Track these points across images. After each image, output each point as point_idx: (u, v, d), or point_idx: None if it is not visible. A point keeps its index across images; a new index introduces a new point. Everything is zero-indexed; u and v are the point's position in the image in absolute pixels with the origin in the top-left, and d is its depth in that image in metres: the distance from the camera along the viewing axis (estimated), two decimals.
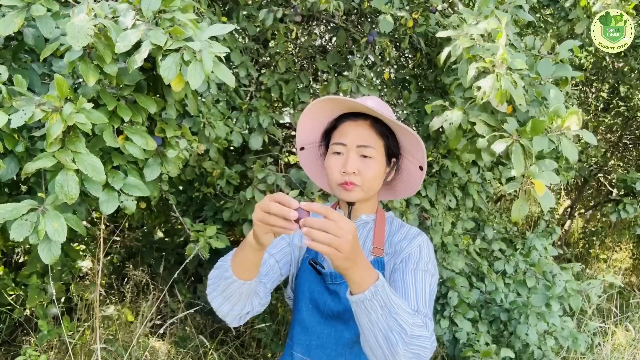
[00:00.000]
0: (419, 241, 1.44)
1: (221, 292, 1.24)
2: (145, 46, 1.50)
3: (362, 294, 1.08)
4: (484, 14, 1.90)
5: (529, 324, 2.73)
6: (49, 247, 1.59)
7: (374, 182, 1.43)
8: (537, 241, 3.40)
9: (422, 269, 1.36)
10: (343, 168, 1.38)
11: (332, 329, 1.47)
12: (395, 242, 1.47)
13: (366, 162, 1.40)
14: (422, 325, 1.15)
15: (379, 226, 1.50)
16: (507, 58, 1.72)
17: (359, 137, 1.39)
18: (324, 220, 0.99)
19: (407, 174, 1.55)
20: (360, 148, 1.39)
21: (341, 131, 1.43)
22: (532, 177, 1.64)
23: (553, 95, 1.83)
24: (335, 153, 1.42)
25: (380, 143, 1.43)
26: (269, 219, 1.02)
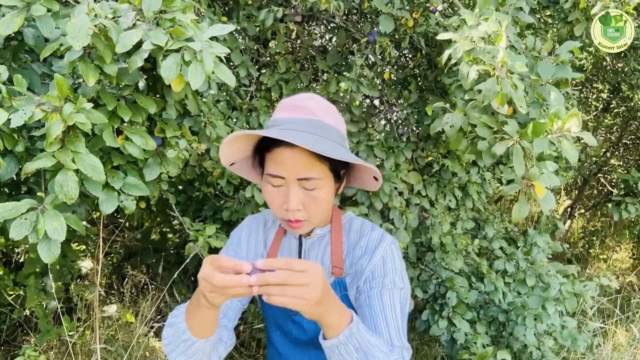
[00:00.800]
0: (381, 252, 1.27)
1: (182, 352, 1.11)
2: (146, 46, 1.50)
3: (336, 339, 0.98)
4: (484, 15, 1.90)
5: (526, 326, 2.73)
6: (49, 246, 1.59)
7: (324, 210, 1.23)
8: (538, 237, 3.40)
9: (389, 287, 1.23)
10: (285, 205, 1.17)
11: (306, 355, 1.38)
12: (356, 260, 1.31)
13: (311, 195, 1.17)
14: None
15: (336, 240, 1.34)
16: (508, 61, 1.72)
17: (299, 168, 1.14)
18: (282, 274, 0.85)
19: (358, 183, 1.36)
20: (301, 181, 1.15)
21: (276, 159, 1.16)
22: (533, 179, 1.64)
23: (554, 97, 1.83)
24: (272, 186, 1.19)
25: (324, 167, 1.17)
26: (221, 290, 0.88)
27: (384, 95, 3.15)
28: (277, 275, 0.85)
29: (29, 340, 3.12)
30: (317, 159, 1.15)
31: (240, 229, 1.47)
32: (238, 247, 1.43)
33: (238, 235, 1.45)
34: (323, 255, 1.33)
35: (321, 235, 1.35)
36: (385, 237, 1.31)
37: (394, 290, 1.23)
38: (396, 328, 1.18)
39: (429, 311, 3.01)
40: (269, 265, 0.86)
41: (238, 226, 1.49)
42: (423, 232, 3.09)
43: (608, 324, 3.94)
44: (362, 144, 2.87)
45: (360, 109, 2.91)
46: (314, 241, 1.36)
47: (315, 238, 1.35)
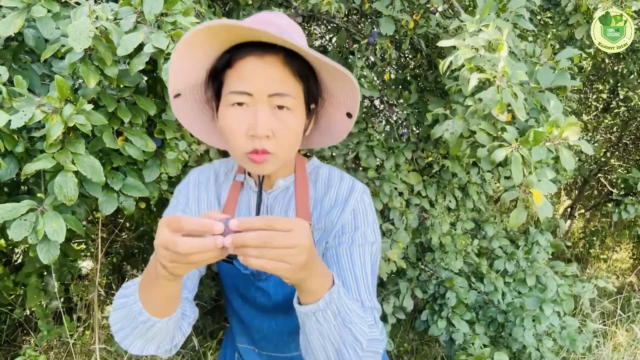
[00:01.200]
0: (351, 205, 1.14)
1: (140, 336, 0.95)
2: (147, 50, 1.51)
3: (315, 305, 0.87)
4: (485, 22, 1.90)
5: (525, 327, 2.73)
6: (48, 247, 1.59)
7: (294, 145, 1.05)
8: (540, 236, 3.40)
9: (359, 242, 1.11)
10: (251, 130, 0.97)
11: (273, 322, 1.25)
12: (325, 213, 1.16)
13: (282, 118, 1.00)
14: (373, 325, 1.00)
15: (301, 192, 1.17)
16: (508, 71, 1.72)
17: (271, 82, 0.96)
18: (263, 234, 0.72)
19: (328, 121, 1.18)
20: (273, 98, 0.97)
21: (241, 72, 0.97)
22: (530, 186, 1.64)
23: (552, 105, 1.83)
24: (235, 107, 0.99)
25: (299, 87, 1.02)
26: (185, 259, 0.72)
27: (384, 95, 3.15)
28: (258, 236, 0.72)
29: (29, 340, 3.12)
30: (291, 74, 0.99)
31: (186, 185, 1.25)
32: (187, 207, 1.22)
33: (185, 192, 1.24)
34: (287, 210, 1.18)
35: (285, 187, 1.19)
36: (355, 186, 1.18)
37: (365, 245, 1.12)
38: (366, 287, 1.08)
39: (429, 311, 3.01)
40: (245, 226, 0.72)
41: (182, 182, 1.27)
42: (423, 232, 3.09)
43: (608, 324, 3.94)
44: (362, 144, 2.87)
45: (361, 109, 2.91)
46: (277, 194, 1.19)
47: (279, 191, 1.19)
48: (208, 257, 0.73)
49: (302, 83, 1.03)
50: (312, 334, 0.91)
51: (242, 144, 1.00)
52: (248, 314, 1.26)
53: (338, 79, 1.03)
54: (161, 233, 0.74)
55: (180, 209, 1.21)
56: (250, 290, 1.22)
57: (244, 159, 1.03)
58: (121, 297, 0.97)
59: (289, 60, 0.98)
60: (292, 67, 0.99)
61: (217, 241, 0.71)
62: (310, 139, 1.24)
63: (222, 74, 1.02)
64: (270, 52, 0.96)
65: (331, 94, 1.11)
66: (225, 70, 1.00)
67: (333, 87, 1.07)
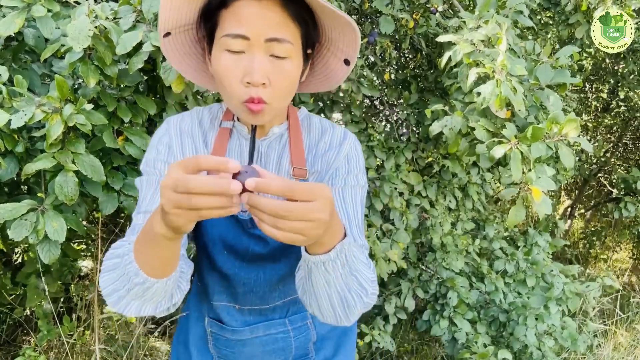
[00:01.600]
0: (345, 149, 1.14)
1: (136, 297, 0.88)
2: (146, 48, 1.51)
3: (326, 255, 0.83)
4: (484, 18, 1.91)
5: (527, 326, 2.73)
6: (49, 247, 1.59)
7: (290, 93, 1.02)
8: (539, 237, 3.40)
9: (352, 184, 1.11)
10: (247, 77, 0.93)
11: (260, 271, 1.20)
12: (320, 155, 1.15)
13: (279, 65, 0.95)
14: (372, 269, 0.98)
15: (295, 137, 1.15)
16: (507, 64, 1.72)
17: (268, 26, 0.92)
18: (280, 206, 0.66)
19: (325, 68, 1.14)
20: (270, 43, 0.92)
21: (237, 13, 0.92)
22: (530, 183, 1.64)
23: (552, 102, 1.83)
24: (230, 52, 0.94)
25: (297, 32, 0.97)
26: (194, 201, 0.64)
27: (384, 95, 3.16)
28: (273, 206, 0.66)
29: (29, 340, 3.12)
30: (290, 18, 0.94)
31: (166, 132, 1.14)
32: (170, 156, 1.11)
33: (167, 141, 1.12)
34: (281, 157, 1.14)
35: (279, 134, 1.15)
36: (348, 133, 1.19)
37: (356, 187, 1.12)
38: (357, 226, 1.08)
39: (430, 311, 3.01)
40: (263, 187, 0.65)
41: (159, 130, 1.16)
42: (423, 232, 3.09)
43: (608, 324, 3.94)
44: (363, 144, 2.87)
45: (361, 109, 2.91)
46: (271, 142, 1.14)
47: (273, 138, 1.14)
48: (218, 203, 0.65)
49: (300, 27, 0.97)
50: (318, 282, 0.89)
51: (237, 90, 0.95)
52: (233, 266, 1.19)
53: (338, 26, 0.99)
54: (172, 172, 0.66)
55: (162, 159, 1.10)
56: (242, 240, 1.16)
57: (240, 107, 0.98)
58: (112, 257, 0.89)
59: (287, 2, 0.93)
60: (290, 10, 0.93)
61: (233, 185, 0.63)
62: (305, 84, 1.19)
63: (216, 13, 0.96)
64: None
65: (329, 40, 1.06)
66: (220, 10, 0.95)
67: (332, 33, 1.03)
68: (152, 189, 1.05)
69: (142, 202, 1.04)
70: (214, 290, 1.26)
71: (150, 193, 1.04)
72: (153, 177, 1.06)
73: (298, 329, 1.32)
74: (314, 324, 1.35)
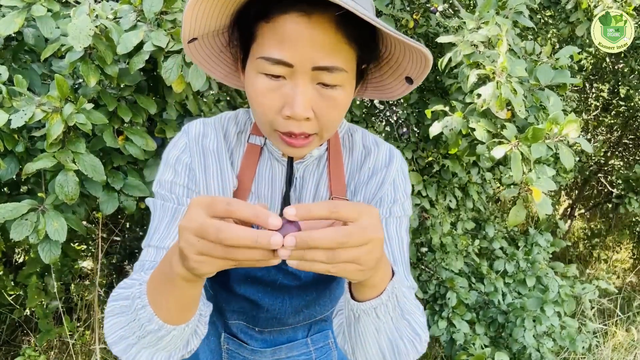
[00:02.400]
0: (392, 174, 0.98)
1: (149, 345, 0.74)
2: (147, 48, 1.51)
3: (378, 299, 0.72)
4: (484, 19, 1.90)
5: (525, 327, 2.73)
6: (49, 247, 1.59)
7: (337, 123, 0.86)
8: (539, 237, 3.40)
9: (397, 214, 0.96)
10: (287, 109, 0.78)
11: (287, 298, 1.08)
12: (363, 183, 1.00)
13: (328, 95, 0.79)
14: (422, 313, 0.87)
15: (336, 160, 0.99)
16: (508, 66, 1.72)
17: (317, 52, 0.75)
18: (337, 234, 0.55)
19: (379, 82, 0.98)
20: (319, 72, 0.76)
21: (279, 31, 0.75)
22: (530, 183, 1.64)
23: (552, 102, 1.83)
24: (269, 76, 0.78)
25: (351, 56, 0.80)
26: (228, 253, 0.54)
27: None
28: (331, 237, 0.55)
29: (29, 340, 3.12)
30: (345, 40, 0.76)
31: (185, 149, 0.95)
32: (191, 181, 0.93)
33: (186, 161, 0.94)
34: (319, 183, 0.99)
35: (317, 156, 0.99)
36: (394, 153, 1.02)
37: (402, 218, 0.97)
38: (403, 264, 0.94)
39: (429, 311, 3.01)
40: (305, 214, 0.55)
41: (175, 142, 0.96)
42: (423, 232, 3.09)
43: (608, 324, 3.94)
44: None
45: (361, 109, 2.91)
46: (309, 164, 0.99)
47: (311, 160, 0.98)
48: (254, 257, 0.54)
49: (356, 49, 0.80)
50: (367, 331, 0.77)
51: (274, 123, 0.81)
52: (256, 292, 1.05)
53: (406, 48, 0.83)
54: (195, 215, 0.56)
55: (181, 184, 0.92)
56: (270, 273, 1.02)
57: (274, 135, 0.83)
58: (120, 298, 0.77)
59: (342, 20, 0.75)
60: (345, 30, 0.76)
61: (274, 239, 0.53)
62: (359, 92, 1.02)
63: (253, 25, 0.79)
64: (318, 9, 0.73)
65: (391, 55, 0.89)
66: (259, 21, 0.78)
67: (395, 51, 0.87)
68: (167, 218, 0.89)
69: (154, 233, 0.89)
70: (230, 309, 1.12)
71: (164, 223, 0.89)
72: (169, 203, 0.90)
73: (320, 350, 1.24)
74: (335, 344, 1.26)
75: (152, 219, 0.91)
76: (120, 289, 0.79)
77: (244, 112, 1.02)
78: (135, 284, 0.76)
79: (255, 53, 0.79)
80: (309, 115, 0.78)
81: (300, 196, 1.00)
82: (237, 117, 1.01)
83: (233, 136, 0.99)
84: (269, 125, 0.83)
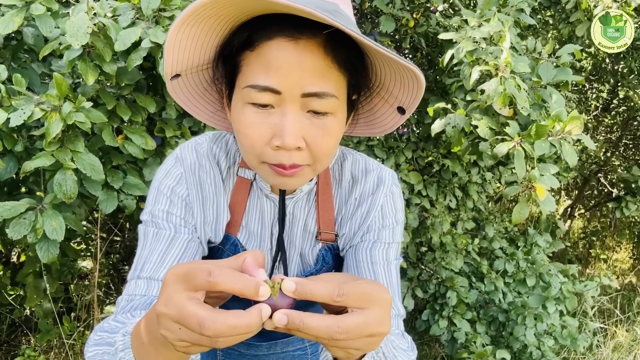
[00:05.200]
0: (380, 200, 0.94)
1: None
2: (145, 44, 1.50)
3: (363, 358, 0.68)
4: (486, 16, 1.90)
5: (526, 325, 2.73)
6: (47, 246, 1.59)
7: (330, 154, 0.81)
8: (538, 237, 3.40)
9: (385, 240, 0.94)
10: (277, 139, 0.73)
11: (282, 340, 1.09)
12: (348, 216, 0.97)
13: (319, 124, 0.75)
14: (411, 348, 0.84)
15: (324, 194, 0.95)
16: (511, 62, 1.71)
17: (306, 77, 0.71)
18: (336, 330, 0.51)
19: (369, 113, 0.93)
20: (308, 99, 0.72)
21: (266, 59, 0.71)
22: (534, 180, 1.63)
23: (555, 100, 1.83)
24: (256, 106, 0.74)
25: (341, 81, 0.76)
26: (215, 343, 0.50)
27: None
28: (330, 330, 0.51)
29: (28, 340, 3.12)
30: (333, 64, 0.73)
31: (180, 180, 0.89)
32: (188, 214, 0.88)
33: (183, 194, 0.89)
34: (308, 217, 0.96)
35: (308, 190, 0.95)
36: (383, 179, 0.97)
37: (392, 245, 0.94)
38: (391, 291, 0.90)
39: (429, 311, 3.01)
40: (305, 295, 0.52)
41: (168, 171, 0.90)
42: (423, 232, 3.08)
43: (608, 324, 3.93)
44: (363, 144, 2.86)
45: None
46: (298, 200, 0.95)
47: (301, 195, 0.95)
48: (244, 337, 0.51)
49: (346, 75, 0.77)
50: None
51: (263, 153, 0.76)
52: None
53: (397, 71, 0.78)
54: (173, 295, 0.51)
55: (179, 215, 0.87)
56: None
57: (263, 168, 0.79)
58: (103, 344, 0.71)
59: (330, 44, 0.72)
60: (334, 54, 0.72)
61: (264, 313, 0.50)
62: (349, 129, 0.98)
63: (238, 55, 0.76)
64: (306, 33, 0.70)
65: (381, 84, 0.86)
66: (243, 51, 0.74)
67: (386, 78, 0.83)
68: (160, 247, 0.84)
69: (144, 263, 0.83)
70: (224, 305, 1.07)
71: (157, 252, 0.83)
72: (165, 231, 0.85)
73: (315, 345, 1.21)
74: None
75: (142, 249, 0.86)
76: (103, 332, 0.73)
77: (233, 142, 0.97)
78: (120, 331, 0.70)
79: (241, 84, 0.75)
80: (300, 145, 0.74)
81: (291, 233, 0.97)
82: (227, 148, 0.97)
83: (224, 169, 0.95)
84: (257, 158, 0.78)
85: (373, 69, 0.83)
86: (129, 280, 0.84)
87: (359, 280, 0.55)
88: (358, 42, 0.73)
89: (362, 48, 0.77)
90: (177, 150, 0.94)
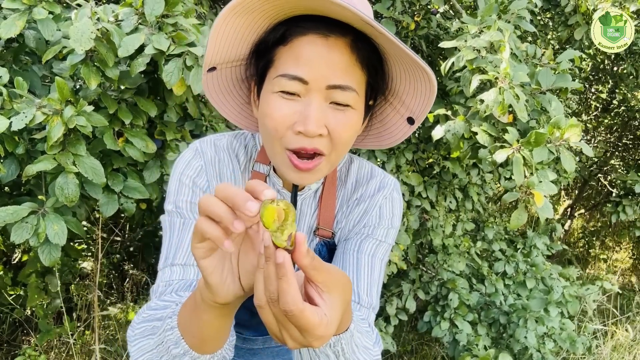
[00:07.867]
0: (379, 201, 1.01)
1: None
2: (148, 51, 1.51)
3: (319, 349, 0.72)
4: (486, 23, 1.91)
5: (528, 328, 2.74)
6: (49, 250, 1.59)
7: (347, 146, 0.88)
8: (537, 239, 3.40)
9: (377, 237, 0.99)
10: (300, 125, 0.80)
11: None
12: (347, 213, 1.03)
13: (340, 115, 0.82)
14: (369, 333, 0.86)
15: (329, 193, 1.01)
16: (510, 72, 1.72)
17: (332, 71, 0.79)
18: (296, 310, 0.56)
19: (381, 124, 1.01)
20: (332, 90, 0.80)
21: (297, 52, 0.80)
22: (532, 187, 1.64)
23: (554, 107, 1.84)
24: (284, 94, 0.81)
25: (362, 80, 0.84)
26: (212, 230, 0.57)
27: None
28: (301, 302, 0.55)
29: (29, 340, 3.12)
30: (357, 63, 0.81)
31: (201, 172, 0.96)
32: None
33: (203, 185, 0.95)
34: (313, 214, 1.02)
35: (316, 189, 1.01)
36: (386, 184, 1.03)
37: (383, 244, 1.00)
38: (370, 283, 0.95)
39: (431, 313, 3.01)
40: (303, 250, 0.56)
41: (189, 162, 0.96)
42: (424, 233, 3.09)
43: (608, 324, 3.94)
44: None
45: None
46: (306, 197, 1.01)
47: (309, 193, 1.01)
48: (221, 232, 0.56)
49: (367, 75, 0.85)
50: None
51: (285, 137, 0.82)
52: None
53: (410, 75, 0.86)
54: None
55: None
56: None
57: (283, 159, 0.84)
58: (153, 319, 0.76)
59: (356, 44, 0.81)
60: (359, 54, 0.82)
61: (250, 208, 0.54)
62: (360, 141, 1.05)
63: (272, 50, 0.84)
64: (335, 32, 0.79)
65: (395, 94, 0.94)
66: (277, 47, 0.83)
67: (399, 84, 0.91)
68: (190, 235, 0.88)
69: (176, 251, 0.88)
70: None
71: (188, 241, 0.88)
72: (191, 221, 0.90)
73: None
74: None
75: (169, 238, 0.90)
76: (152, 310, 0.78)
77: (251, 138, 1.03)
78: (171, 305, 0.77)
79: (272, 75, 0.83)
80: (322, 132, 0.81)
81: (299, 229, 1.01)
82: (246, 144, 1.03)
83: (242, 162, 1.01)
84: (279, 143, 0.83)
85: (390, 74, 0.91)
86: (162, 269, 0.88)
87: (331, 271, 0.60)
88: (380, 44, 0.83)
89: (382, 52, 0.86)
90: (196, 143, 0.99)
